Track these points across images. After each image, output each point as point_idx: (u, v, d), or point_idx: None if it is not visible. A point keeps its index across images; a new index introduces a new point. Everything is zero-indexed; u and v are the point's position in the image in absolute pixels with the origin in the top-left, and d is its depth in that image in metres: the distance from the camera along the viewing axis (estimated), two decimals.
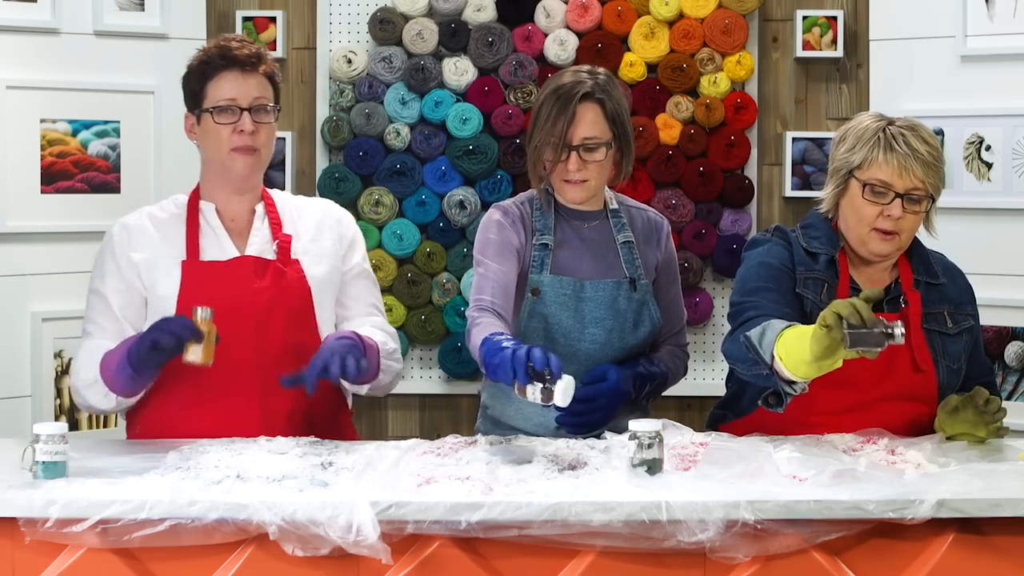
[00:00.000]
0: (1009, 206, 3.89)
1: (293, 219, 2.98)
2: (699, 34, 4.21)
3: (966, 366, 2.89)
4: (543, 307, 2.94)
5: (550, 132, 2.89)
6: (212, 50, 2.90)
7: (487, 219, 2.99)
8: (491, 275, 2.89)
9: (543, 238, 2.97)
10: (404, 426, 4.33)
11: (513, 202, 3.03)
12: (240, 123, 2.86)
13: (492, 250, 2.92)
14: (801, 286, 2.81)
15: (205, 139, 2.91)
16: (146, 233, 2.91)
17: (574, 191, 2.94)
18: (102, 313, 2.89)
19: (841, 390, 2.78)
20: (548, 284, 2.95)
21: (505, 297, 2.86)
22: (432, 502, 2.26)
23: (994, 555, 2.31)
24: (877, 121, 2.81)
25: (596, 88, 2.91)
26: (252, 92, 2.88)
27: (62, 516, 2.25)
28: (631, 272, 3.00)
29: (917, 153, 2.74)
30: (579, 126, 2.89)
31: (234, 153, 2.88)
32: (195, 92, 2.90)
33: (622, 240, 3.02)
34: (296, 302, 2.90)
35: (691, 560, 2.28)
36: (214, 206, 2.94)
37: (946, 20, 3.96)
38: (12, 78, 3.80)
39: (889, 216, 2.75)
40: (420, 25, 4.22)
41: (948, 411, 2.70)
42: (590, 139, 2.90)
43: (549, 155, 2.91)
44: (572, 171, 2.91)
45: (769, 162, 4.32)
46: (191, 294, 2.83)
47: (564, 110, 2.88)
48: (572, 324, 2.93)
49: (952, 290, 2.90)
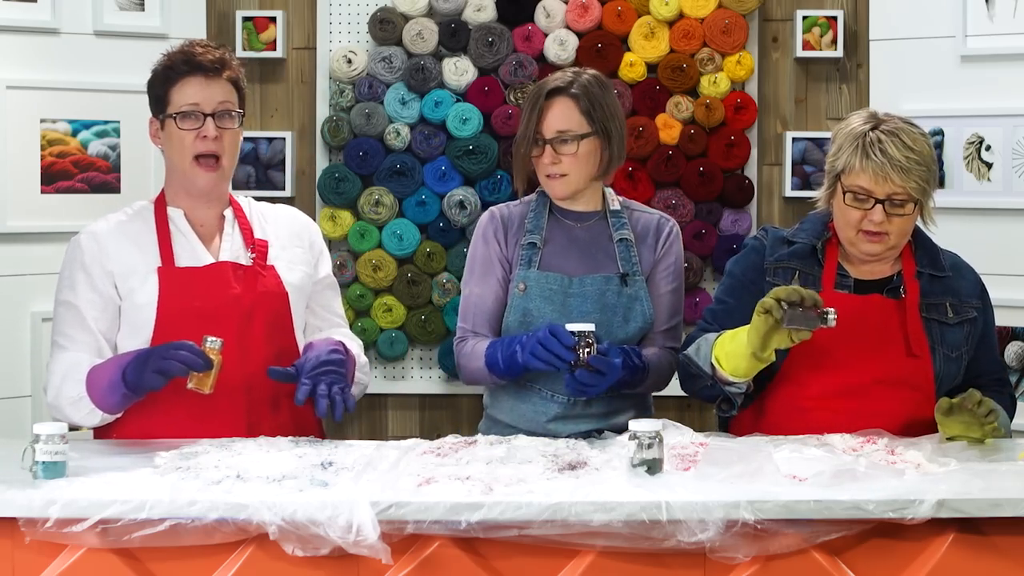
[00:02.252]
0: (1009, 206, 3.89)
1: (261, 225, 2.98)
2: (699, 34, 4.21)
3: (974, 361, 2.91)
4: (528, 301, 3.00)
5: (526, 127, 2.99)
6: (176, 55, 2.89)
7: (478, 227, 3.11)
8: (473, 300, 3.06)
9: (531, 237, 3.04)
10: (404, 426, 4.33)
11: (508, 205, 3.12)
12: (203, 128, 2.85)
13: (476, 270, 3.07)
14: (771, 275, 2.88)
15: (169, 145, 2.89)
16: (117, 241, 2.88)
17: (555, 185, 3.01)
18: (75, 325, 2.84)
19: (831, 373, 2.82)
20: (534, 280, 3.00)
21: (485, 321, 3.04)
22: (432, 502, 2.26)
23: (994, 555, 2.31)
24: (863, 124, 2.83)
25: (570, 84, 3.00)
26: (216, 97, 2.86)
27: (62, 516, 2.25)
28: (625, 268, 3.02)
29: (893, 160, 2.76)
30: (549, 120, 2.97)
31: (196, 166, 2.86)
32: (159, 97, 2.89)
33: (619, 238, 3.04)
34: (275, 307, 2.91)
35: (691, 560, 2.28)
36: (182, 212, 2.92)
37: (946, 20, 3.96)
38: (12, 78, 3.81)
39: (871, 220, 2.79)
40: (420, 25, 4.22)
41: (942, 413, 2.71)
42: (562, 132, 2.97)
43: (524, 149, 3.00)
44: (547, 164, 2.98)
45: (769, 162, 4.32)
46: (170, 301, 2.83)
47: (535, 105, 2.98)
48: (557, 318, 2.95)
49: (958, 283, 2.92)
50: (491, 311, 3.04)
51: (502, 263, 3.05)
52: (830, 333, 2.75)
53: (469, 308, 3.06)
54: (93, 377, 2.76)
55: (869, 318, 2.84)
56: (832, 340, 2.80)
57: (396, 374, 4.32)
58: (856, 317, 2.82)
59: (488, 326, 3.04)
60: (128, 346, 2.84)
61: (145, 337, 2.82)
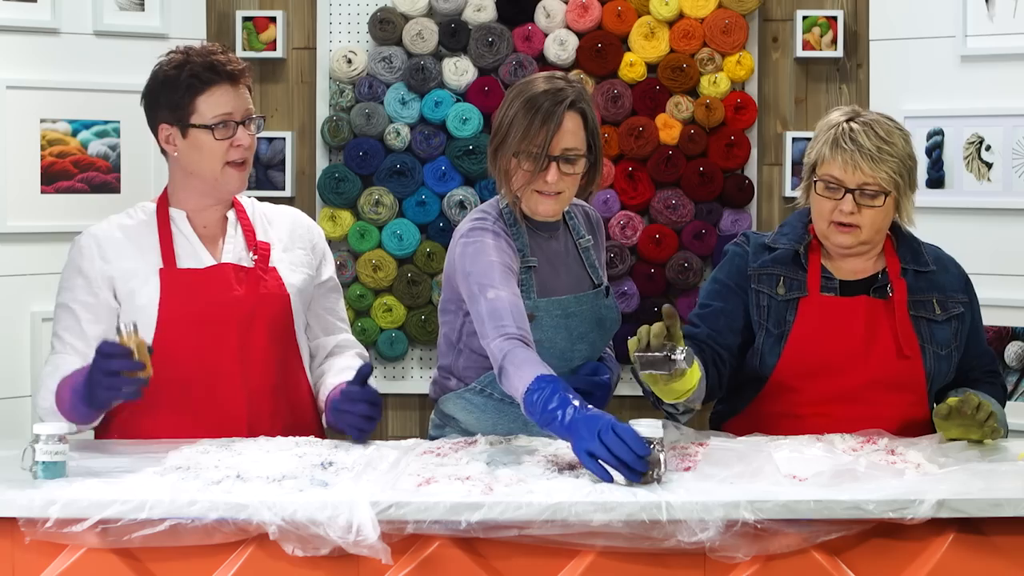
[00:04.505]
0: (1009, 206, 3.89)
1: (264, 226, 2.98)
2: (699, 34, 4.21)
3: (965, 355, 2.91)
4: (539, 331, 2.80)
5: (531, 141, 2.75)
6: (196, 63, 2.82)
7: (478, 240, 2.79)
8: (507, 300, 2.67)
9: (528, 260, 2.84)
10: (404, 426, 4.34)
11: (491, 220, 2.84)
12: (237, 137, 2.83)
13: (497, 274, 2.71)
14: (756, 282, 2.87)
15: (193, 153, 2.84)
16: (118, 243, 2.87)
17: (547, 204, 2.80)
18: (68, 329, 2.83)
19: (824, 379, 2.82)
20: (544, 308, 2.84)
21: (524, 322, 2.67)
22: (432, 502, 2.26)
23: (994, 555, 2.31)
24: (840, 116, 2.85)
25: (579, 97, 2.78)
26: (244, 105, 2.86)
27: (62, 516, 2.25)
28: (595, 277, 2.97)
29: (863, 149, 2.77)
30: (563, 136, 2.75)
31: (229, 168, 2.85)
32: (179, 105, 2.82)
33: (583, 246, 2.97)
34: (277, 310, 2.90)
35: (691, 560, 2.28)
36: (184, 213, 2.91)
37: (946, 20, 3.96)
38: (12, 78, 3.80)
39: (842, 211, 2.79)
40: (420, 25, 4.22)
41: (941, 417, 2.70)
42: (570, 150, 2.77)
43: (528, 165, 2.76)
44: (551, 183, 2.77)
45: (769, 162, 4.32)
46: (171, 303, 2.82)
47: (549, 119, 2.74)
48: (564, 344, 2.88)
49: (942, 278, 2.92)
50: (523, 311, 2.69)
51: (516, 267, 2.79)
52: (819, 339, 2.77)
53: (503, 311, 2.65)
54: (59, 392, 2.73)
55: (857, 321, 2.83)
56: (822, 346, 2.81)
57: (396, 374, 4.32)
58: (844, 321, 2.82)
59: (525, 323, 2.67)
60: None
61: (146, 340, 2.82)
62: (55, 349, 2.85)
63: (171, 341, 2.80)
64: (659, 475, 2.35)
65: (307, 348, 3.01)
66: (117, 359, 2.56)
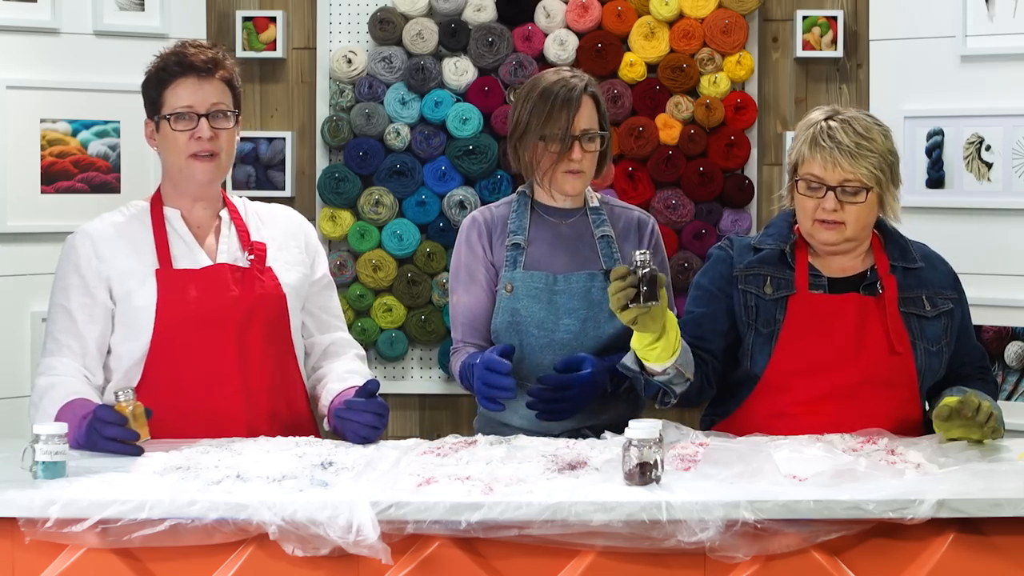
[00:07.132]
0: (1009, 206, 3.89)
1: (257, 226, 2.98)
2: (699, 34, 4.20)
3: (955, 351, 2.91)
4: (515, 302, 3.02)
5: (555, 124, 2.98)
6: (169, 56, 2.88)
7: (460, 232, 3.13)
8: (460, 309, 3.07)
9: (515, 238, 3.06)
10: (404, 426, 4.33)
11: (490, 208, 3.15)
12: (197, 130, 2.84)
13: (462, 278, 3.07)
14: (743, 283, 2.88)
15: (164, 146, 2.89)
16: (113, 242, 2.87)
17: (573, 181, 3.03)
18: (64, 330, 2.83)
19: (816, 377, 2.82)
20: (520, 280, 3.03)
21: (474, 329, 3.06)
22: (432, 502, 2.26)
23: (994, 555, 2.31)
24: (818, 116, 2.86)
25: (589, 83, 3.06)
26: (209, 98, 2.86)
27: (62, 516, 2.25)
28: (607, 264, 3.05)
29: (841, 146, 2.78)
30: (582, 117, 3.00)
31: (192, 160, 2.85)
32: (153, 99, 2.88)
33: (600, 235, 3.08)
34: (274, 310, 2.91)
35: (691, 560, 2.28)
36: (179, 212, 2.92)
37: (946, 20, 3.96)
38: (12, 78, 3.81)
39: (824, 208, 2.80)
40: (420, 25, 4.22)
41: (942, 419, 2.70)
42: (588, 130, 3.02)
43: (554, 147, 2.98)
44: (576, 159, 2.99)
45: (769, 162, 4.32)
46: (169, 303, 2.82)
47: (568, 102, 2.99)
48: (545, 316, 3.00)
49: (931, 274, 2.92)
50: (478, 318, 3.06)
51: (487, 268, 3.06)
52: (810, 337, 2.76)
53: (457, 318, 3.09)
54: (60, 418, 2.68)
55: (848, 318, 2.83)
56: (813, 344, 2.81)
57: (396, 374, 4.32)
58: (835, 318, 2.82)
59: (478, 334, 3.06)
60: (125, 350, 2.83)
61: (144, 340, 2.82)
62: (50, 351, 2.84)
63: (169, 343, 2.80)
64: (658, 475, 2.35)
65: (302, 347, 3.01)
66: (113, 427, 2.59)
